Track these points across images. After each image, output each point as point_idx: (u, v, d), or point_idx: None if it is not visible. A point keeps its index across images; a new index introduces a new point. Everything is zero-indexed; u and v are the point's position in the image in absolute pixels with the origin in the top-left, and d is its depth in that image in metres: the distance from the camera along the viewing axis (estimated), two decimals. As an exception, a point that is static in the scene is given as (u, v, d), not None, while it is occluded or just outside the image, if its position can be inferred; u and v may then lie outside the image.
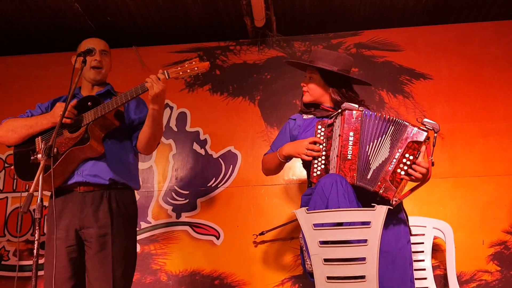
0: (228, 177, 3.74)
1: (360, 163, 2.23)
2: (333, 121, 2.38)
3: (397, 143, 2.23)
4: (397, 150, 2.22)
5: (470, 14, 3.91)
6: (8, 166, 3.88)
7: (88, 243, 2.33)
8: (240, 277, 3.51)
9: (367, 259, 1.99)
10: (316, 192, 2.15)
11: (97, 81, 2.55)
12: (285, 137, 2.65)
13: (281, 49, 3.98)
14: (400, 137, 2.23)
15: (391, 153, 2.22)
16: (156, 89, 2.23)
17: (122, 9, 3.73)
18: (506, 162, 3.55)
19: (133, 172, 2.55)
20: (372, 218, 2.01)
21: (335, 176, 2.15)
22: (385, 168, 2.21)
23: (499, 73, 3.74)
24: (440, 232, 3.16)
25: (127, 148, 2.52)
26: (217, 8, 3.75)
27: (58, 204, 2.38)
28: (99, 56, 2.51)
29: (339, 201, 2.06)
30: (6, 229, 3.76)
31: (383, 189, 2.18)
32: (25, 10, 3.71)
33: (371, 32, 3.92)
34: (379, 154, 2.24)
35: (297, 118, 2.66)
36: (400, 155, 2.21)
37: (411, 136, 2.22)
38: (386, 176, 2.20)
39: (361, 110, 2.28)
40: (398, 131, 2.25)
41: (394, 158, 2.21)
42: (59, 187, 2.38)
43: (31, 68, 4.06)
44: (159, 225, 3.69)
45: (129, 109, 2.53)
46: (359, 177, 2.22)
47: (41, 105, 2.60)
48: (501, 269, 3.37)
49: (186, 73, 2.28)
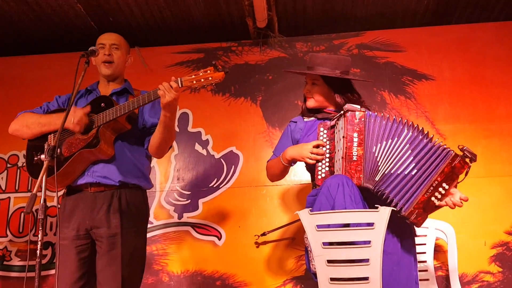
0: (230, 177, 3.74)
1: (366, 164, 2.22)
2: (335, 123, 2.37)
3: (424, 155, 2.19)
4: (432, 172, 2.17)
5: (472, 15, 3.91)
6: (11, 166, 3.88)
7: (99, 242, 2.34)
8: (242, 278, 3.51)
9: (371, 260, 1.99)
10: (321, 193, 2.15)
11: (109, 76, 2.52)
12: (287, 141, 2.63)
13: (283, 49, 3.99)
14: (431, 154, 2.19)
15: (422, 172, 2.17)
16: (168, 97, 2.18)
17: (125, 10, 3.74)
18: (508, 163, 3.55)
19: (145, 172, 2.53)
20: (375, 219, 2.01)
21: (341, 177, 2.14)
22: (419, 192, 2.16)
23: (502, 74, 3.74)
24: (442, 233, 3.16)
25: (140, 149, 2.50)
26: (219, 9, 3.76)
27: (69, 203, 2.39)
28: (108, 50, 2.48)
29: (345, 202, 2.06)
30: (9, 229, 3.76)
31: (415, 215, 2.15)
32: (28, 11, 3.72)
33: (373, 32, 3.92)
34: (390, 157, 2.23)
35: (298, 120, 2.65)
36: (437, 183, 2.15)
37: (452, 162, 2.17)
38: (420, 201, 2.15)
39: (363, 111, 2.28)
40: (420, 141, 2.22)
41: (427, 182, 2.16)
42: (69, 186, 2.40)
43: (33, 69, 4.06)
44: (161, 225, 3.69)
45: (143, 110, 2.50)
46: (365, 178, 2.21)
47: (59, 98, 2.58)
48: (503, 270, 3.37)
49: (200, 82, 2.21)
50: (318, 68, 2.54)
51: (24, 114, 2.49)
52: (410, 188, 2.17)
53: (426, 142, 2.22)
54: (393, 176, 2.20)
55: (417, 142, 2.22)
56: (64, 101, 2.57)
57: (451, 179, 2.16)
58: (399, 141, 2.23)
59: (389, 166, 2.22)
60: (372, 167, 2.23)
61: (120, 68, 2.55)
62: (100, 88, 2.56)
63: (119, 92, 2.53)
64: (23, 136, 2.47)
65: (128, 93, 2.56)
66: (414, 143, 2.22)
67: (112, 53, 2.50)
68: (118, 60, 2.52)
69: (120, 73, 2.57)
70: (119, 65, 2.54)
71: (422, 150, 2.21)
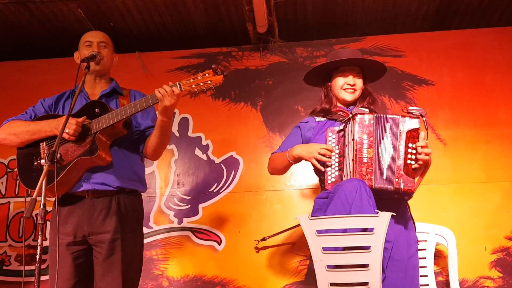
0: (230, 182, 3.74)
1: (375, 165, 2.23)
2: (344, 126, 2.37)
3: (396, 136, 2.26)
4: (399, 143, 2.25)
5: (473, 20, 3.92)
6: (11, 171, 3.88)
7: (99, 248, 2.31)
8: (242, 283, 3.50)
9: (370, 266, 1.99)
10: (337, 197, 2.12)
11: (98, 71, 2.47)
12: (296, 139, 2.61)
13: (283, 55, 3.99)
14: (397, 131, 2.26)
15: (395, 147, 2.25)
16: (167, 102, 2.16)
17: (125, 15, 3.75)
18: (508, 169, 3.55)
19: (141, 175, 2.52)
20: (375, 224, 2.01)
21: (358, 182, 2.13)
22: (395, 164, 2.22)
23: (502, 79, 3.74)
24: (443, 238, 3.15)
25: (134, 152, 2.49)
26: (220, 14, 3.77)
27: (64, 209, 2.35)
28: (97, 48, 2.45)
29: (363, 207, 2.05)
30: (8, 234, 3.76)
31: (403, 183, 2.20)
32: (29, 16, 3.73)
33: (374, 38, 3.93)
34: (386, 152, 2.25)
35: (309, 120, 2.63)
36: (404, 147, 2.24)
37: (406, 126, 2.26)
38: (399, 171, 2.21)
39: (372, 113, 2.29)
40: (393, 125, 2.27)
41: (400, 152, 2.24)
42: (65, 193, 2.35)
43: (34, 73, 4.07)
44: (160, 230, 3.68)
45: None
46: (376, 179, 2.21)
47: (44, 102, 2.52)
48: (503, 275, 3.36)
49: (199, 86, 2.17)
50: (356, 59, 2.57)
51: (11, 123, 2.43)
52: (391, 166, 2.23)
53: (397, 123, 2.28)
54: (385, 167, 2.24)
55: (395, 128, 2.28)
56: (50, 104, 2.51)
57: (412, 137, 2.27)
58: (387, 135, 2.28)
59: (387, 163, 2.24)
60: (378, 167, 2.23)
61: (108, 65, 2.52)
62: (87, 88, 2.51)
63: (108, 94, 2.49)
64: (11, 144, 2.42)
65: (117, 93, 2.53)
66: (394, 131, 2.28)
67: (101, 51, 2.45)
68: (107, 58, 2.49)
69: (108, 71, 2.55)
70: (108, 62, 2.50)
71: (396, 132, 2.27)
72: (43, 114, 2.47)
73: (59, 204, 2.34)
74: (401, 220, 2.27)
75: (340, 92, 2.57)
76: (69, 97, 2.54)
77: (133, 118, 2.46)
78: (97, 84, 2.52)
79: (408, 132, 2.25)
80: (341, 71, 2.58)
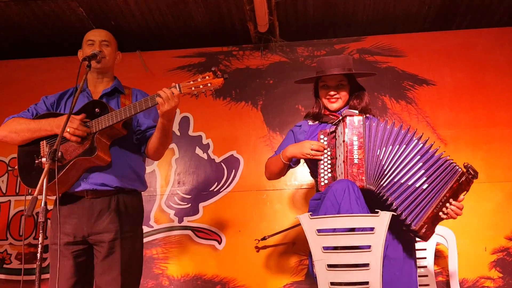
0: (230, 181, 3.74)
1: (369, 166, 2.24)
2: (335, 128, 2.40)
3: (434, 170, 2.23)
4: (441, 188, 2.22)
5: (473, 20, 3.92)
6: (11, 169, 3.88)
7: (99, 247, 2.32)
8: (242, 282, 3.51)
9: (371, 265, 1.99)
10: (327, 197, 2.15)
11: (100, 68, 2.46)
12: (290, 142, 2.65)
13: (284, 54, 3.99)
14: (441, 170, 2.24)
15: (432, 187, 2.21)
16: (168, 106, 2.16)
17: (126, 14, 3.75)
18: (509, 169, 3.55)
19: (140, 175, 2.52)
20: (376, 224, 2.01)
21: (346, 182, 2.15)
22: (429, 207, 2.20)
23: (502, 79, 3.74)
24: (443, 238, 3.15)
25: (135, 152, 2.48)
26: (221, 14, 3.77)
27: (63, 210, 2.34)
28: (99, 47, 2.44)
29: (352, 207, 2.07)
30: (9, 232, 3.76)
31: (424, 229, 2.19)
32: (30, 15, 3.73)
33: (374, 37, 3.93)
34: (399, 163, 2.25)
35: (303, 124, 2.69)
36: (445, 198, 2.22)
37: (459, 179, 2.24)
38: (429, 216, 2.19)
39: (361, 115, 2.31)
40: (431, 155, 2.26)
41: (437, 198, 2.21)
42: (65, 192, 2.35)
43: (35, 72, 4.07)
44: (161, 229, 3.68)
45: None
46: (368, 180, 2.23)
47: (47, 99, 2.52)
48: (504, 275, 3.36)
49: (199, 88, 2.18)
50: (334, 69, 2.55)
51: (13, 120, 2.43)
52: (421, 203, 2.20)
53: (437, 157, 2.26)
54: (404, 187, 2.22)
55: (428, 156, 2.26)
56: (52, 102, 2.51)
57: (457, 194, 2.24)
58: (408, 149, 2.26)
59: (398, 174, 2.24)
60: (376, 170, 2.25)
61: (111, 64, 2.52)
62: (90, 86, 2.51)
63: (109, 93, 2.49)
64: (12, 142, 2.42)
65: (118, 92, 2.52)
66: (426, 156, 2.25)
67: (103, 49, 2.45)
68: (109, 56, 2.48)
69: (110, 69, 2.54)
70: (110, 60, 2.49)
71: (433, 165, 2.24)
72: (45, 111, 2.47)
73: (59, 203, 2.34)
74: (400, 222, 2.28)
75: (324, 102, 2.63)
76: (71, 95, 2.53)
77: (134, 117, 2.45)
78: (100, 83, 2.52)
79: (456, 186, 2.23)
80: (324, 81, 2.62)
